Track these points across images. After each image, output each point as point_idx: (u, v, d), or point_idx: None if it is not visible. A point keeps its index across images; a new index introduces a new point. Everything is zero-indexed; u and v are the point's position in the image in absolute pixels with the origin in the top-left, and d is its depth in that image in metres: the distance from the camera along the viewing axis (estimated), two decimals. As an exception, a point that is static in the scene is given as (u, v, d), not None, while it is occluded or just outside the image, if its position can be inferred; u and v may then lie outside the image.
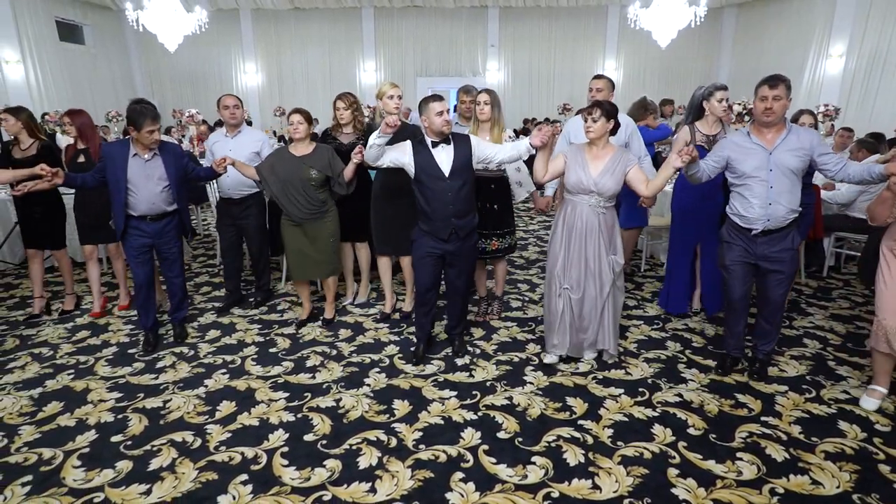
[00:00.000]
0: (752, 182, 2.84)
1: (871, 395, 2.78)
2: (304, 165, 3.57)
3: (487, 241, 3.76)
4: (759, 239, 2.88)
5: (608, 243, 3.11)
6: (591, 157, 3.06)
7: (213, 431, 2.65)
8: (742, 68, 13.67)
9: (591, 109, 3.00)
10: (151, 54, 13.95)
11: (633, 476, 2.29)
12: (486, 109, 3.56)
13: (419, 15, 14.20)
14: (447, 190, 3.10)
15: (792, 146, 2.79)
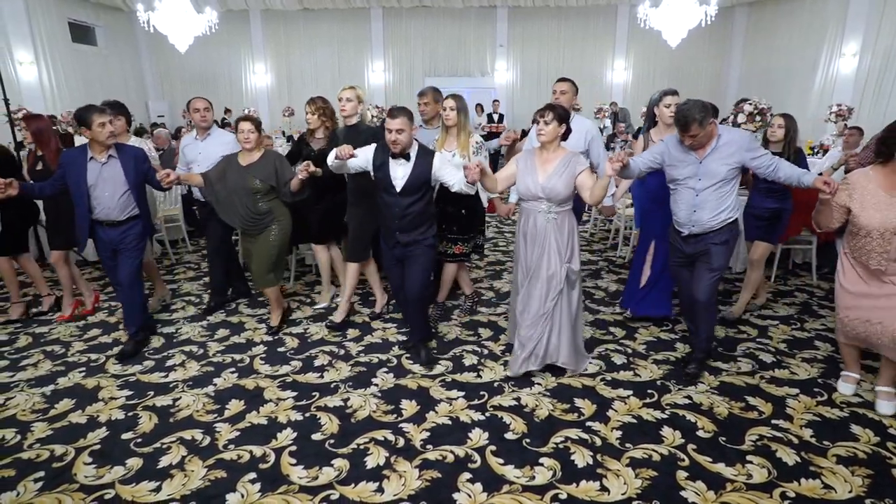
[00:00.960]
0: (681, 188, 2.95)
1: (846, 381, 2.94)
2: (248, 175, 3.49)
3: (451, 245, 3.75)
4: (687, 240, 3.01)
5: (563, 250, 3.00)
6: (540, 162, 2.99)
7: (221, 430, 2.66)
8: (753, 68, 13.55)
9: (543, 112, 2.94)
10: (162, 55, 14.06)
11: (642, 478, 2.28)
12: (452, 115, 3.54)
13: (428, 15, 14.20)
14: (395, 205, 3.10)
15: (722, 154, 2.84)
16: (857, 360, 2.93)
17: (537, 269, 3.02)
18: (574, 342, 3.14)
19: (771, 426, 2.64)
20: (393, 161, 3.09)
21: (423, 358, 3.31)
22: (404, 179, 3.07)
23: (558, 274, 2.99)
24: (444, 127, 3.62)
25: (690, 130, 2.75)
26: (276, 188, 3.55)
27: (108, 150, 3.33)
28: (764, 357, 3.35)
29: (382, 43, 14.50)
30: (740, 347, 3.48)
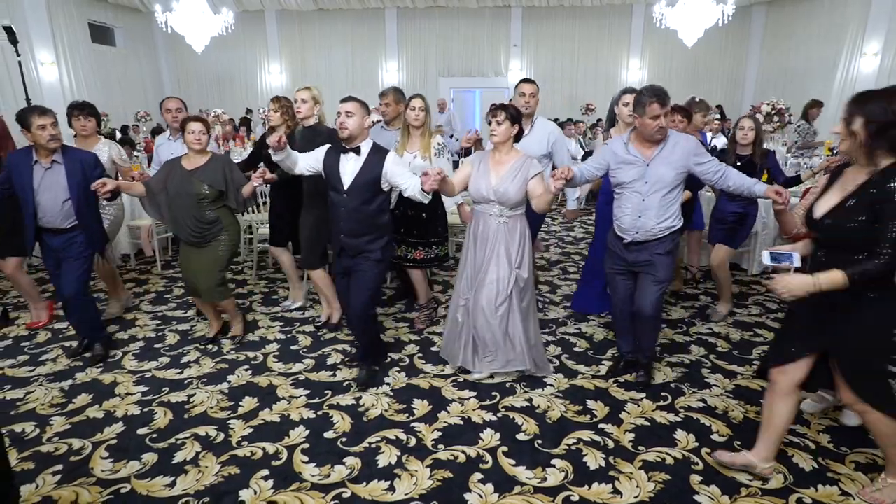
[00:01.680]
0: (626, 192, 2.83)
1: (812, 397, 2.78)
2: (194, 179, 3.25)
3: (412, 250, 3.65)
4: (630, 247, 2.86)
5: (513, 256, 2.92)
6: (493, 164, 2.91)
7: (235, 426, 2.69)
8: (771, 67, 13.36)
9: (496, 112, 2.83)
10: (179, 55, 14.22)
11: (655, 482, 2.26)
12: (422, 116, 3.45)
13: (442, 15, 14.21)
14: (341, 204, 2.91)
15: (669, 158, 2.74)
16: None
17: (485, 273, 2.93)
18: (529, 347, 3.02)
19: (788, 431, 2.60)
20: (343, 156, 2.93)
21: (361, 377, 3.10)
22: (353, 175, 2.88)
23: (505, 279, 2.90)
24: (406, 128, 3.52)
25: (667, 104, 2.64)
26: (226, 194, 3.33)
27: (53, 154, 3.19)
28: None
29: (396, 43, 14.53)
30: (755, 351, 3.43)
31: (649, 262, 2.83)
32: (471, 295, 3.00)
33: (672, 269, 2.90)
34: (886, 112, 1.76)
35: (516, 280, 2.92)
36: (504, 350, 2.99)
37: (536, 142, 3.51)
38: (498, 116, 2.83)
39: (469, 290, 3.02)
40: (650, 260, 2.82)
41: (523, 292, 2.99)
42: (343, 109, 2.88)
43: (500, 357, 3.00)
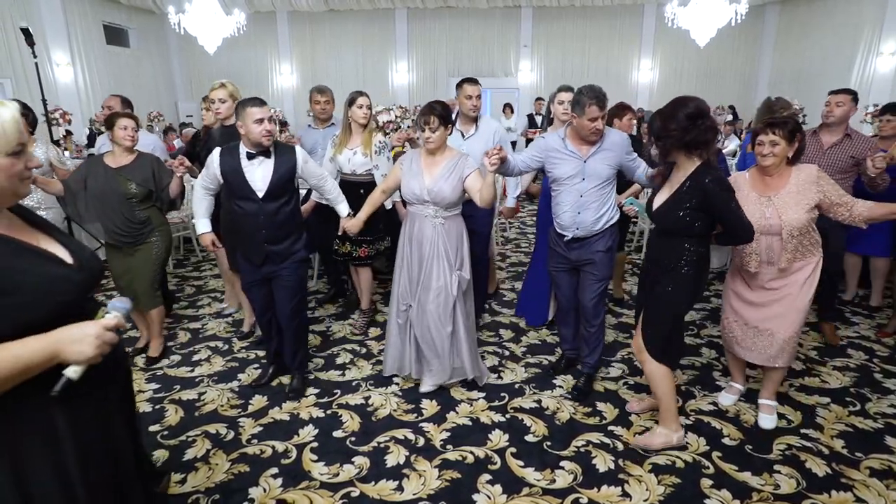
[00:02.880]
0: (564, 188, 2.82)
1: (729, 392, 2.89)
2: (120, 177, 3.09)
3: (356, 248, 3.60)
4: (571, 244, 2.86)
5: (453, 258, 2.83)
6: (426, 164, 2.81)
7: (245, 425, 2.70)
8: (785, 67, 13.21)
9: (427, 119, 2.70)
10: (191, 56, 14.34)
11: (665, 485, 2.24)
12: (368, 113, 3.44)
13: (452, 15, 14.21)
14: (258, 213, 2.71)
15: (606, 154, 2.76)
16: (743, 370, 2.88)
17: (427, 280, 2.84)
18: (473, 352, 2.99)
19: (800, 435, 2.57)
20: (248, 163, 2.71)
21: (294, 385, 2.99)
22: (266, 181, 2.71)
23: (449, 284, 2.82)
24: (347, 125, 3.47)
25: (605, 107, 2.67)
26: (155, 194, 3.21)
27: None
28: (793, 364, 3.26)
29: (406, 43, 14.56)
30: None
31: (591, 260, 2.86)
32: (412, 300, 2.90)
33: (612, 267, 2.93)
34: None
35: (459, 283, 2.85)
36: (450, 359, 2.91)
37: (483, 142, 3.46)
38: (431, 123, 2.71)
39: (409, 295, 2.92)
40: (591, 259, 2.85)
41: (466, 295, 2.93)
42: (265, 116, 2.65)
43: (446, 367, 2.91)
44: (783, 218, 2.44)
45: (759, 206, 2.50)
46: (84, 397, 1.23)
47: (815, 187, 2.44)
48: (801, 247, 2.48)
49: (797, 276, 2.52)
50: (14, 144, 1.15)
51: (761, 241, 2.49)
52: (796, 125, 2.46)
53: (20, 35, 7.58)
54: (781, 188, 2.49)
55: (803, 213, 2.43)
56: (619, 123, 3.83)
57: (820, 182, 2.45)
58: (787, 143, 2.43)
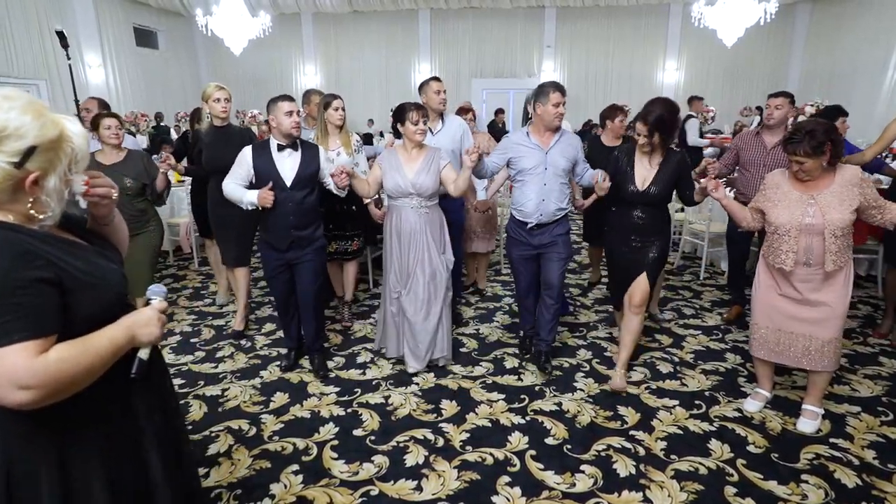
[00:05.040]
0: (529, 178, 3.08)
1: (755, 399, 2.85)
2: (115, 174, 3.22)
3: (349, 242, 3.79)
4: (534, 231, 3.10)
5: (437, 243, 3.14)
6: (405, 160, 3.09)
7: (267, 421, 2.74)
8: (815, 67, 12.90)
9: (423, 113, 3.02)
10: (218, 57, 14.61)
11: (687, 491, 2.21)
12: (344, 115, 3.55)
13: (475, 16, 14.20)
14: (287, 200, 2.96)
15: (563, 148, 3.08)
16: (770, 376, 2.85)
17: (418, 266, 3.11)
18: (449, 333, 3.29)
19: (829, 445, 2.51)
20: (278, 154, 2.98)
21: (318, 364, 3.23)
22: (294, 171, 2.98)
23: (439, 268, 3.13)
24: (325, 127, 3.57)
25: (565, 94, 3.01)
26: (148, 187, 3.45)
27: None
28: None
29: (430, 44, 14.60)
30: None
31: (553, 242, 3.13)
32: (402, 289, 3.15)
33: (571, 247, 3.25)
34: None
35: (446, 265, 3.16)
36: (434, 340, 3.19)
37: (449, 137, 3.61)
38: (424, 117, 3.04)
39: (399, 284, 3.17)
40: (554, 241, 3.13)
41: (448, 279, 3.21)
42: (294, 109, 2.97)
43: (433, 350, 3.21)
44: (826, 217, 2.39)
45: (801, 204, 2.46)
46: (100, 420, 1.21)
47: (857, 189, 2.40)
48: (843, 249, 2.43)
49: (837, 279, 2.47)
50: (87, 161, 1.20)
51: (801, 241, 2.45)
52: (819, 139, 2.35)
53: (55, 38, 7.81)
54: (825, 188, 2.44)
55: (847, 213, 2.39)
56: (611, 125, 4.01)
57: (862, 184, 2.41)
58: (813, 157, 2.37)
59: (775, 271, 2.60)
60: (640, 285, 2.99)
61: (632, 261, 3.02)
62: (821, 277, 2.48)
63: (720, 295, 4.47)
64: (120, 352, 1.17)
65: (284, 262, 3.08)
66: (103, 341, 1.12)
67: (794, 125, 2.58)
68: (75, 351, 1.07)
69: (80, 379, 1.08)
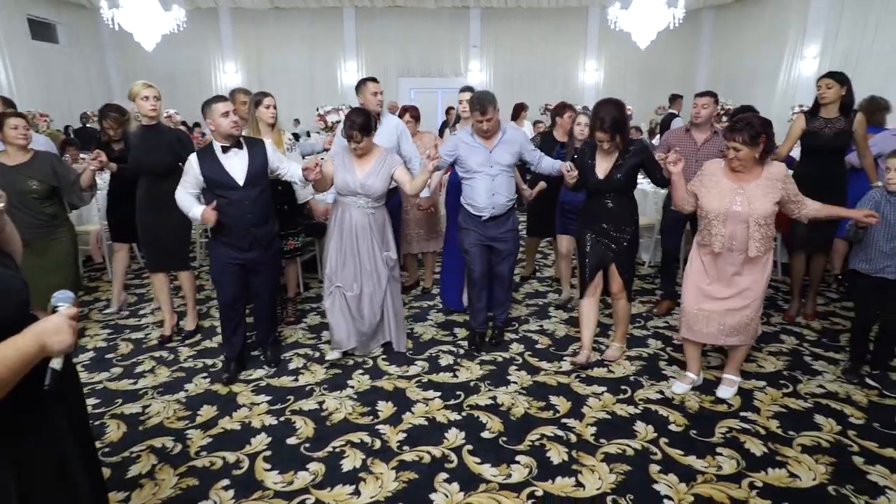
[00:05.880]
0: (477, 176, 3.24)
1: (682, 381, 3.03)
2: (19, 176, 3.18)
3: (285, 242, 3.76)
4: (487, 223, 3.28)
5: (380, 241, 3.24)
6: (357, 161, 3.14)
7: (193, 436, 2.61)
8: (720, 69, 13.87)
9: (351, 135, 3.01)
10: (127, 53, 13.65)
11: (616, 473, 2.32)
12: (275, 113, 3.59)
13: (401, 15, 14.15)
14: (243, 199, 2.95)
15: (507, 146, 3.25)
16: (698, 359, 3.04)
17: (365, 264, 3.22)
18: (399, 322, 3.45)
19: (740, 418, 2.71)
20: (224, 157, 2.95)
21: (272, 356, 3.32)
22: (244, 170, 2.96)
23: (380, 264, 3.24)
24: (256, 125, 3.55)
25: (487, 113, 3.11)
26: (61, 190, 3.32)
27: None
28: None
29: (355, 43, 14.40)
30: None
31: (504, 238, 3.35)
32: (341, 283, 3.24)
33: (518, 242, 3.49)
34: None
35: (387, 262, 3.27)
36: (380, 329, 3.39)
37: (386, 137, 3.68)
38: (356, 138, 3.03)
39: (337, 278, 3.25)
40: (504, 237, 3.35)
41: (393, 272, 3.34)
42: (230, 109, 2.95)
43: (377, 335, 3.41)
44: (752, 206, 2.61)
45: (731, 192, 2.67)
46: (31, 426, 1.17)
47: (780, 184, 2.64)
48: (765, 238, 2.65)
49: (758, 264, 2.71)
50: None
51: (727, 226, 2.67)
52: (758, 129, 2.57)
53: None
54: (753, 180, 2.66)
55: (770, 204, 2.61)
56: (560, 121, 4.24)
57: (786, 180, 2.65)
58: (749, 146, 2.57)
59: (705, 256, 2.81)
60: (614, 277, 3.18)
61: (605, 247, 3.14)
62: (744, 262, 2.70)
63: (641, 284, 4.71)
64: (30, 362, 1.10)
65: (242, 261, 3.05)
66: (9, 352, 1.05)
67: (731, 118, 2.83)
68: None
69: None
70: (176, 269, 3.68)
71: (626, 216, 3.12)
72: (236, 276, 3.07)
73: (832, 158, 3.58)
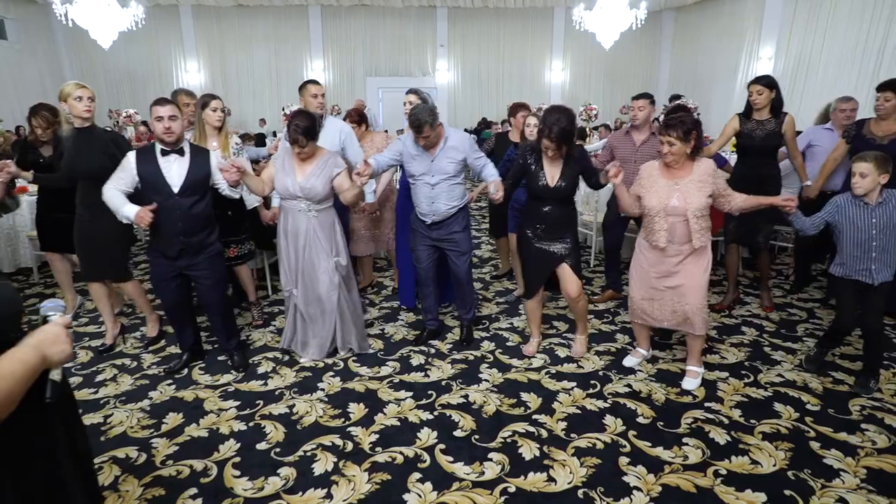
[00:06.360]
0: (419, 182, 3.26)
1: (633, 355, 3.31)
2: None
3: (225, 249, 3.58)
4: (432, 227, 3.33)
5: (328, 245, 3.14)
6: (297, 162, 3.06)
7: (159, 445, 2.54)
8: (681, 69, 14.27)
9: (296, 139, 2.92)
10: (83, 51, 13.22)
11: (587, 466, 2.35)
12: (222, 116, 3.54)
13: (368, 14, 14.08)
14: (175, 207, 2.85)
15: (449, 154, 3.21)
16: (647, 337, 3.30)
17: (311, 269, 3.14)
18: (359, 328, 3.40)
19: (704, 409, 2.79)
20: (164, 160, 2.86)
21: (238, 361, 3.24)
22: (182, 178, 2.87)
23: (329, 269, 3.15)
24: (201, 129, 3.47)
25: (423, 132, 3.06)
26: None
27: None
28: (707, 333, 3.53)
29: (322, 41, 14.26)
30: (675, 335, 3.65)
31: (452, 240, 3.34)
32: (294, 286, 3.21)
33: (470, 241, 3.46)
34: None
35: (337, 267, 3.17)
36: (333, 335, 3.30)
37: (329, 141, 3.61)
38: (300, 143, 2.94)
39: (291, 283, 3.22)
40: (452, 238, 3.33)
41: (346, 278, 3.27)
42: (165, 114, 2.81)
43: (326, 341, 3.30)
44: (688, 201, 2.76)
45: (667, 190, 2.82)
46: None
47: (711, 178, 2.80)
48: (704, 229, 2.81)
49: (698, 255, 2.85)
50: None
51: (668, 221, 2.82)
52: (689, 126, 2.75)
53: None
54: (686, 176, 2.81)
55: (704, 198, 2.77)
56: (514, 121, 4.26)
57: (715, 175, 2.81)
58: (683, 142, 2.73)
59: (649, 250, 2.95)
60: (568, 278, 3.16)
61: (545, 252, 3.16)
62: (686, 253, 2.84)
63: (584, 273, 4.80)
64: (34, 375, 1.07)
65: (175, 269, 2.98)
66: (17, 366, 1.01)
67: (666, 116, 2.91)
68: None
69: (3, 409, 0.98)
70: (114, 279, 3.49)
71: (568, 221, 3.15)
72: (173, 283, 3.02)
73: (764, 159, 3.74)
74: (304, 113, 3.05)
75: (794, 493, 2.18)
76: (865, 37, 9.04)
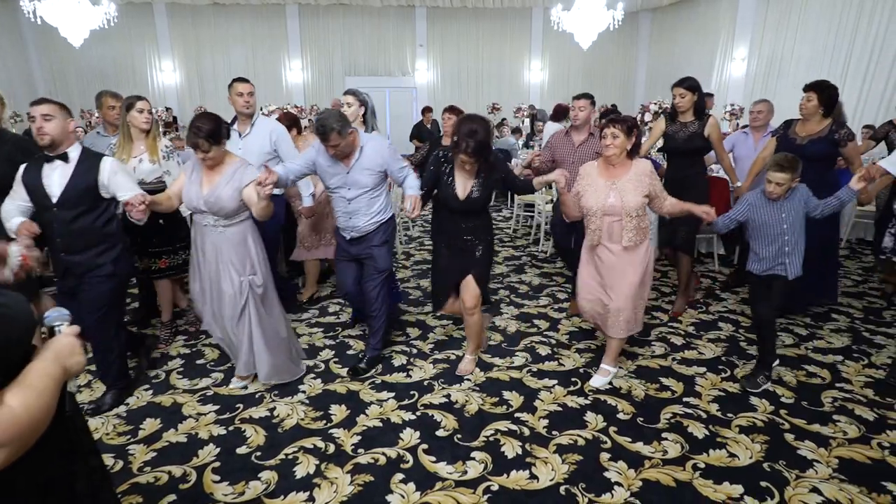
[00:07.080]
0: (335, 196, 3.07)
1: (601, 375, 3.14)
2: None
3: (156, 260, 3.44)
4: (352, 243, 3.13)
5: (238, 264, 2.81)
6: (206, 173, 2.76)
7: (136, 452, 2.49)
8: (657, 70, 14.47)
9: (196, 143, 2.62)
10: (53, 50, 12.87)
11: (568, 463, 2.38)
12: (150, 118, 3.34)
13: (346, 13, 13.98)
14: (53, 221, 2.58)
15: (365, 165, 2.97)
16: None
17: (218, 286, 2.84)
18: (281, 354, 3.03)
19: (683, 404, 2.84)
20: (47, 166, 2.58)
21: (108, 401, 2.86)
22: (61, 186, 2.56)
23: (238, 290, 2.82)
24: (126, 132, 3.28)
25: (330, 140, 2.78)
26: None
27: None
28: (675, 340, 3.59)
29: (300, 41, 14.11)
30: (654, 332, 3.71)
31: (369, 254, 3.12)
32: (206, 306, 2.92)
33: (390, 258, 3.20)
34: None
35: (251, 287, 2.85)
36: (249, 357, 2.94)
37: (259, 141, 3.50)
38: (202, 147, 2.63)
39: (202, 300, 2.94)
40: (370, 252, 3.11)
41: (263, 298, 2.92)
42: (37, 113, 2.50)
43: (249, 366, 2.96)
44: (624, 200, 2.81)
45: (605, 189, 2.87)
46: None
47: (647, 179, 2.86)
48: (638, 229, 2.86)
49: (635, 255, 2.89)
50: None
51: (604, 220, 2.87)
52: (634, 123, 2.88)
53: None
54: (623, 176, 2.87)
55: (639, 197, 2.83)
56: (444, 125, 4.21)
57: (652, 176, 2.87)
58: (626, 136, 2.81)
59: (590, 249, 3.01)
60: (469, 289, 3.00)
61: (456, 263, 3.03)
62: (621, 253, 2.88)
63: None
64: (59, 387, 1.04)
65: (65, 288, 2.71)
66: (45, 380, 0.98)
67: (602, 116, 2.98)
68: (31, 394, 0.94)
69: (42, 424, 0.95)
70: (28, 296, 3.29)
71: (481, 230, 3.01)
72: (69, 304, 2.62)
73: (687, 160, 3.81)
74: (208, 115, 2.72)
75: (770, 485, 2.23)
76: (834, 38, 9.27)
